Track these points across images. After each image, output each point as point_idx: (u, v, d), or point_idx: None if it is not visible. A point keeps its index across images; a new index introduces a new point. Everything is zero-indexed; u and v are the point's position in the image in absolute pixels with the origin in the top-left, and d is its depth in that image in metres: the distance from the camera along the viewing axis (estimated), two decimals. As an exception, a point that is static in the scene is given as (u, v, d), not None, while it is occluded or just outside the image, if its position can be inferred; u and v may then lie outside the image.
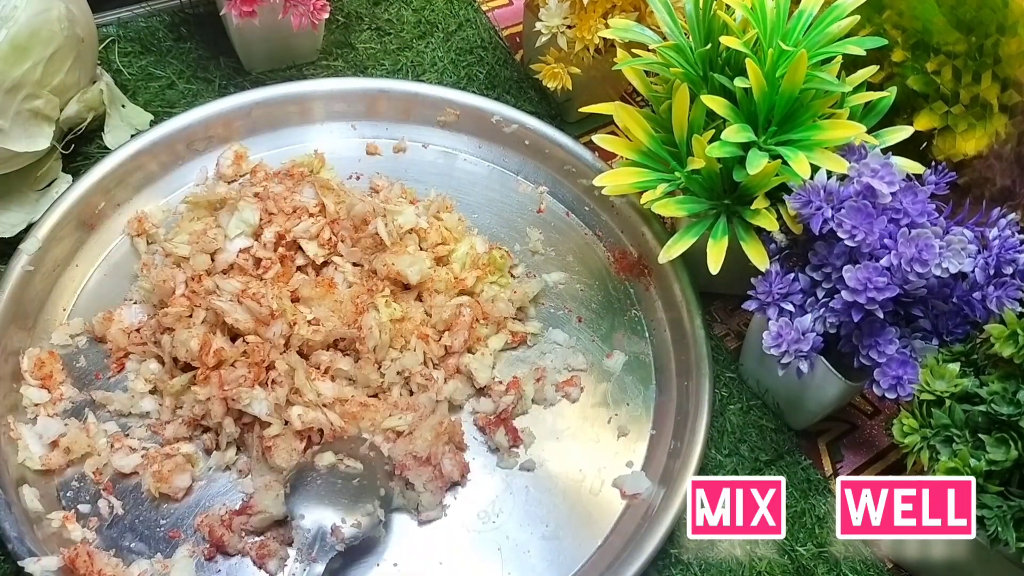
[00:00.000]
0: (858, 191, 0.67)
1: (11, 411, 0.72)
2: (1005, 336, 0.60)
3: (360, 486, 0.68)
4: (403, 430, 0.73)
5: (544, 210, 0.89)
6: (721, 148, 0.69)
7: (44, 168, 0.83)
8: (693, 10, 0.74)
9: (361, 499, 0.68)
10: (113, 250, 0.82)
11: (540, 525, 0.72)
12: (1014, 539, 0.58)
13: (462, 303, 0.79)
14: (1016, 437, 0.59)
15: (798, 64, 0.68)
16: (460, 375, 0.77)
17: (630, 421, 0.78)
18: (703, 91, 0.72)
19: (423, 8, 1.04)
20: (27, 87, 0.76)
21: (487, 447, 0.75)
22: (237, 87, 0.93)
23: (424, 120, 0.91)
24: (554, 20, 0.84)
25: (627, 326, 0.83)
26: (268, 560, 0.67)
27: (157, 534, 0.69)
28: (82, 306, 0.79)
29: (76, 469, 0.71)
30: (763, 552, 0.73)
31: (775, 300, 0.70)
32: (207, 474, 0.72)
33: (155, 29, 0.98)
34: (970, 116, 0.75)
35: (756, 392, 0.80)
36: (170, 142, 0.85)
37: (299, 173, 0.84)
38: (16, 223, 0.80)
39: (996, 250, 0.65)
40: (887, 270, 0.65)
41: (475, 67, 0.99)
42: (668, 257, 0.73)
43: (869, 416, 0.81)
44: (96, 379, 0.75)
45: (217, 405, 0.70)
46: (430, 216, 0.83)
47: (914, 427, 0.62)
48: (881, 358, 0.67)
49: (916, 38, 0.76)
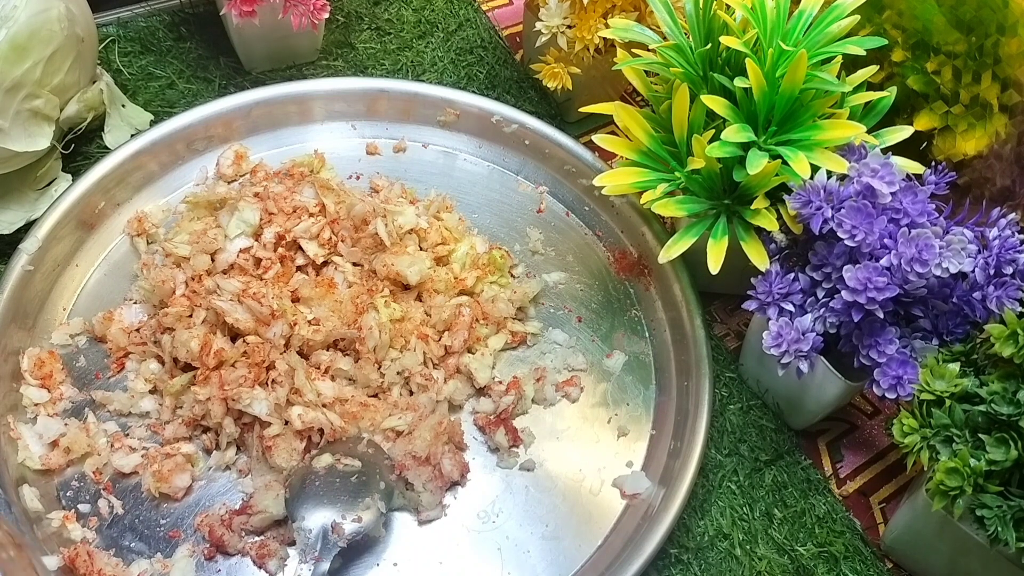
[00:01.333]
0: (858, 191, 0.67)
1: (11, 411, 0.72)
2: (1005, 336, 0.60)
3: (359, 482, 0.68)
4: (403, 430, 0.73)
5: (544, 210, 0.89)
6: (721, 148, 0.69)
7: (44, 168, 0.83)
8: (693, 10, 0.74)
9: (360, 495, 0.68)
10: (113, 250, 0.82)
11: (540, 525, 0.72)
12: (1014, 539, 0.58)
13: (462, 303, 0.79)
14: (1016, 437, 0.59)
15: (798, 64, 0.68)
16: (460, 375, 0.77)
17: (630, 421, 0.78)
18: (703, 91, 0.72)
19: (423, 8, 1.04)
20: (27, 87, 0.76)
21: (487, 447, 0.75)
22: (237, 87, 0.93)
23: (424, 120, 0.91)
24: (554, 20, 0.84)
25: (627, 326, 0.83)
26: (268, 560, 0.67)
27: (157, 534, 0.69)
28: (82, 306, 0.79)
29: (76, 469, 0.71)
30: (763, 552, 0.73)
31: (775, 300, 0.70)
32: (207, 474, 0.72)
33: (155, 29, 0.98)
34: (970, 116, 0.75)
35: (756, 392, 0.80)
36: (170, 142, 0.85)
37: (299, 173, 0.84)
38: (15, 221, 0.80)
39: (996, 250, 0.65)
40: (887, 270, 0.65)
41: (475, 67, 0.99)
42: (668, 257, 0.73)
43: (869, 416, 0.81)
44: (96, 379, 0.75)
45: (217, 405, 0.70)
46: (430, 216, 0.83)
47: (914, 427, 0.62)
48: (881, 358, 0.67)
49: (916, 38, 0.76)
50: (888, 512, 0.76)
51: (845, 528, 0.75)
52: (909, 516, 0.70)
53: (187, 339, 0.72)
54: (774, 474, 0.77)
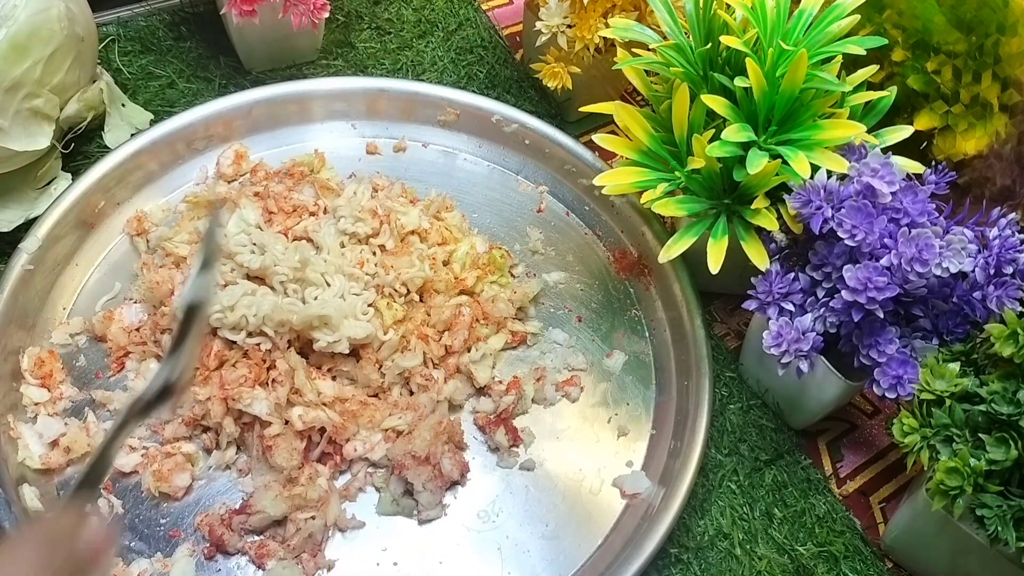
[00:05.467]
0: (858, 191, 0.67)
1: (11, 410, 0.72)
2: (1005, 336, 0.60)
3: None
4: (403, 429, 0.73)
5: (544, 210, 0.89)
6: (721, 148, 0.69)
7: (44, 167, 0.83)
8: (693, 9, 0.74)
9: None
10: (113, 249, 0.82)
11: (540, 525, 0.72)
12: (1014, 539, 0.58)
13: (462, 303, 0.79)
14: (1016, 437, 0.59)
15: (798, 64, 0.68)
16: (460, 375, 0.77)
17: (630, 421, 0.78)
18: (703, 90, 0.72)
19: (423, 7, 1.04)
20: (27, 86, 0.76)
21: (487, 447, 0.75)
22: (237, 86, 0.93)
23: (424, 119, 0.91)
24: (554, 19, 0.84)
25: (627, 326, 0.83)
26: (268, 559, 0.67)
27: (157, 533, 0.69)
28: (82, 305, 0.79)
29: (76, 468, 0.71)
30: (763, 551, 0.73)
31: (775, 300, 0.70)
32: (207, 473, 0.72)
33: (155, 28, 0.98)
34: (970, 116, 0.75)
35: (756, 392, 0.80)
36: (170, 141, 0.85)
37: (299, 172, 0.84)
38: (14, 220, 0.80)
39: (996, 250, 0.65)
40: (887, 270, 0.65)
41: (475, 66, 0.99)
42: (668, 257, 0.73)
43: (869, 416, 0.81)
44: (96, 378, 0.75)
45: (217, 405, 0.70)
46: (430, 216, 0.83)
47: (914, 427, 0.62)
48: (881, 358, 0.67)
49: (916, 37, 0.76)
50: (888, 512, 0.76)
51: (845, 528, 0.75)
52: (909, 516, 0.70)
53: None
54: (774, 474, 0.77)
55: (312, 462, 0.71)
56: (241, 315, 0.70)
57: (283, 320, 0.71)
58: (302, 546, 0.68)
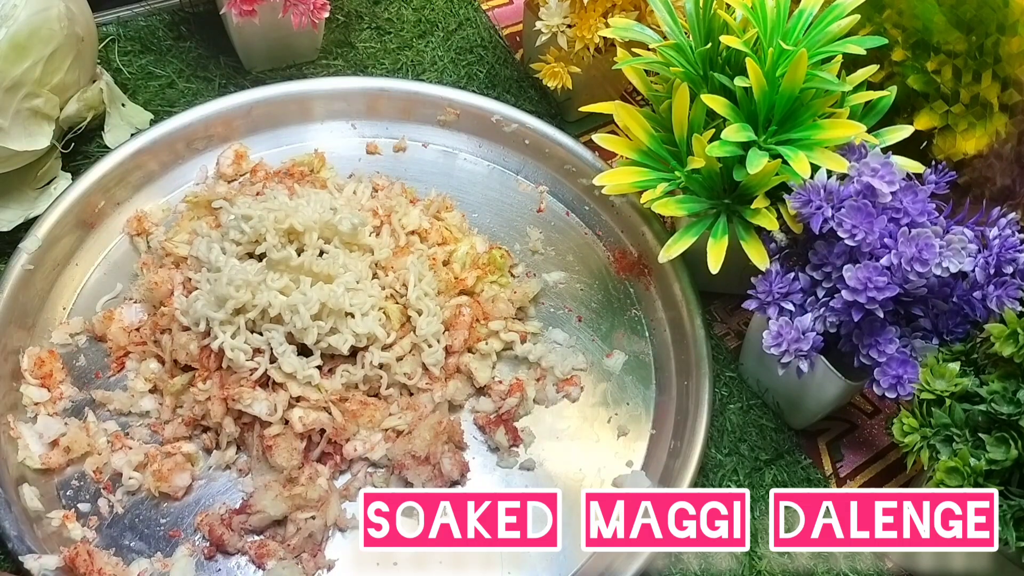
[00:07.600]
0: (858, 190, 0.67)
1: (11, 410, 0.72)
2: (1005, 335, 0.60)
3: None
4: (403, 429, 0.73)
5: (544, 209, 0.89)
6: (721, 147, 0.69)
7: (44, 167, 0.83)
8: (693, 9, 0.74)
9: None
10: (113, 249, 0.82)
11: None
12: (1014, 539, 0.58)
13: (462, 303, 0.79)
14: (1016, 436, 0.59)
15: (798, 63, 0.68)
16: (460, 375, 0.77)
17: (630, 421, 0.78)
18: (703, 90, 0.72)
19: (423, 7, 1.04)
20: (27, 86, 0.76)
21: (487, 446, 0.75)
22: (237, 86, 0.93)
23: (424, 119, 0.91)
24: (554, 19, 0.84)
25: (627, 326, 0.83)
26: (268, 559, 0.67)
27: (157, 533, 0.69)
28: (82, 305, 0.79)
29: (76, 468, 0.71)
30: (763, 551, 0.72)
31: (775, 299, 0.70)
32: (207, 473, 0.72)
33: (155, 28, 0.98)
34: (970, 115, 0.75)
35: (756, 391, 0.80)
36: (170, 141, 0.85)
37: (299, 172, 0.84)
38: (14, 219, 0.80)
39: (996, 249, 0.65)
40: (887, 269, 0.65)
41: (475, 66, 0.99)
42: (668, 257, 0.73)
43: (869, 415, 0.81)
44: (96, 378, 0.75)
45: (217, 405, 0.70)
46: (430, 216, 0.83)
47: (914, 426, 0.62)
48: (881, 357, 0.67)
49: (916, 37, 0.76)
50: (888, 512, 0.76)
51: (845, 527, 0.75)
52: (909, 516, 0.70)
53: (186, 341, 0.72)
54: (774, 473, 0.77)
55: (312, 462, 0.71)
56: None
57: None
58: (302, 546, 0.68)
